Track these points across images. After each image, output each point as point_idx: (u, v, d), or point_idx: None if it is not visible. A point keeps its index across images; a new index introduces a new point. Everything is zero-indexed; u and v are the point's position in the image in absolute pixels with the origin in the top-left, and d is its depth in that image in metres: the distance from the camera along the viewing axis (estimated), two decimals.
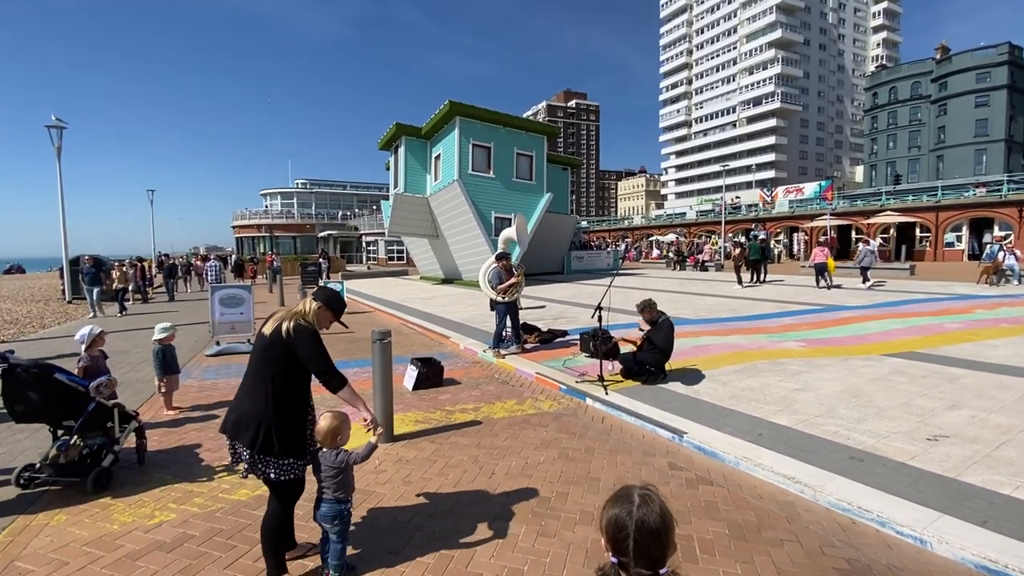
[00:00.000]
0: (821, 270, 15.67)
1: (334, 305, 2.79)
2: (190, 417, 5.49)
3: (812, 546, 2.96)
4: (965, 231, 30.21)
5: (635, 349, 6.33)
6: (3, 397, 3.48)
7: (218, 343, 9.05)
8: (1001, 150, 48.23)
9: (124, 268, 16.05)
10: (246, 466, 2.57)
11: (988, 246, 18.26)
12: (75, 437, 3.65)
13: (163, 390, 5.62)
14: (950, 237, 30.92)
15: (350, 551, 2.82)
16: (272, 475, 2.54)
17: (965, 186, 35.21)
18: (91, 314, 14.50)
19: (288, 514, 2.67)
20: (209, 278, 21.95)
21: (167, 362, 5.59)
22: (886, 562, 2.80)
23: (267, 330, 2.62)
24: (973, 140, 49.63)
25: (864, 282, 15.99)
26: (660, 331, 6.16)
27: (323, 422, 2.63)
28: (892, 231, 33.45)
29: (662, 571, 1.20)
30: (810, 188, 47.08)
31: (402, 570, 2.76)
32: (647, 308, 6.27)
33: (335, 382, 2.64)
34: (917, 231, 32.47)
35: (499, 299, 7.94)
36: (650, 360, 6.15)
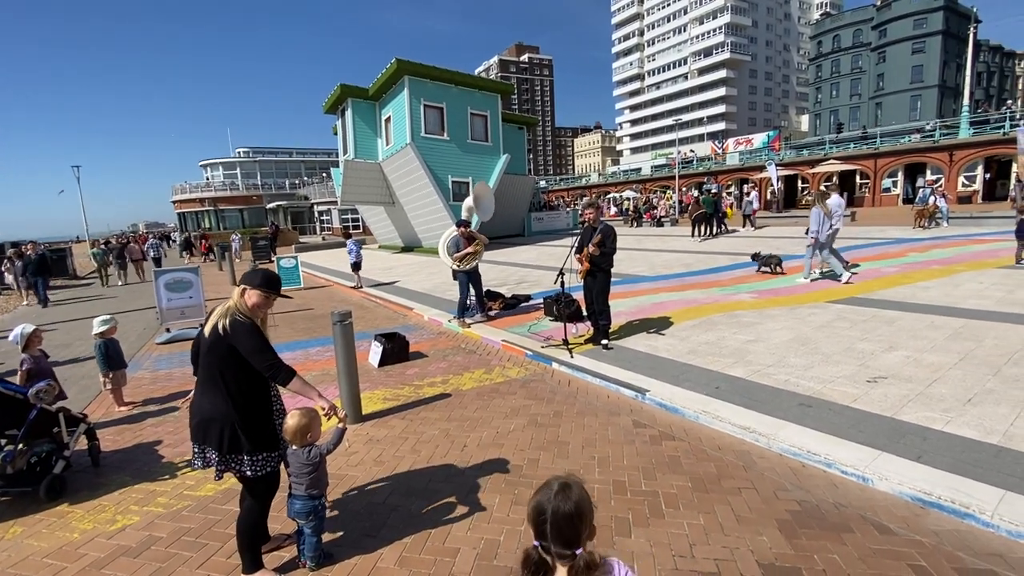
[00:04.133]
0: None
1: (255, 280, 2.56)
2: (146, 412, 5.28)
3: (767, 491, 3.18)
4: (900, 177, 31.81)
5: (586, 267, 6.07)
6: None
7: (168, 330, 8.64)
8: (935, 96, 50.53)
9: (29, 253, 14.86)
10: (219, 468, 2.49)
11: (921, 190, 19.34)
12: (20, 446, 3.45)
13: (109, 386, 5.34)
14: (887, 183, 32.52)
15: (326, 537, 2.82)
16: (248, 472, 2.48)
17: (901, 133, 36.83)
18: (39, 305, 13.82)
19: (264, 512, 2.62)
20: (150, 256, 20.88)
21: (111, 357, 5.30)
22: (833, 501, 3.04)
23: (207, 329, 2.50)
24: (909, 87, 51.69)
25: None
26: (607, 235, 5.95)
27: (291, 420, 2.57)
28: (835, 179, 34.87)
29: (578, 551, 1.35)
30: (759, 139, 48.25)
31: (380, 553, 2.80)
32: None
33: (281, 376, 2.50)
34: (857, 178, 33.95)
35: (456, 267, 7.85)
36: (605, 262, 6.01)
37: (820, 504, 3.02)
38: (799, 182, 36.42)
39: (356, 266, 12.86)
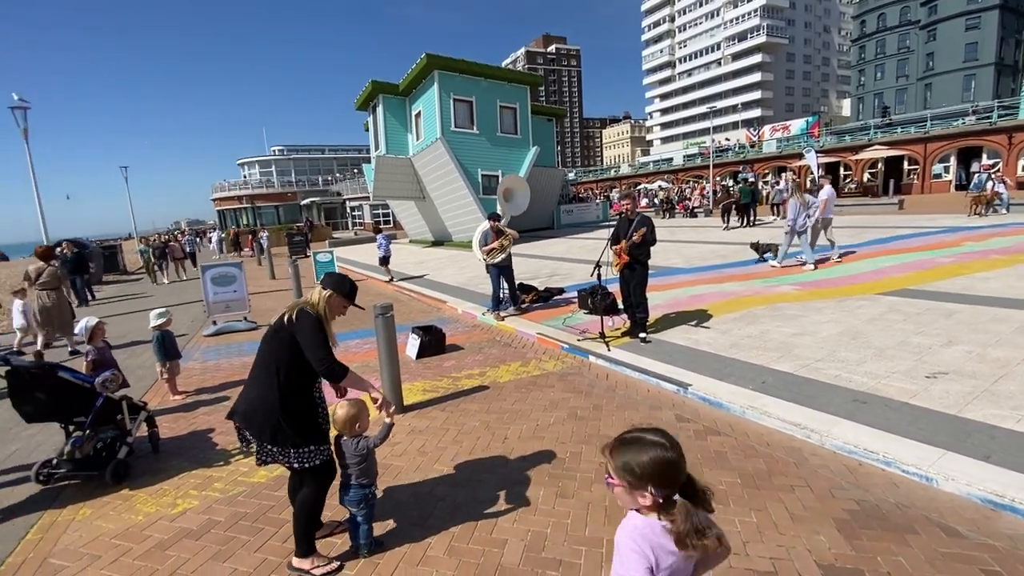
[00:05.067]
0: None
1: (344, 288, 2.69)
2: (198, 401, 5.50)
3: (822, 490, 3.07)
4: (953, 161, 30.17)
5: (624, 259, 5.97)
6: (11, 399, 3.43)
7: (215, 323, 8.97)
8: (991, 74, 47.53)
9: (64, 252, 15.22)
10: (260, 456, 2.58)
11: (976, 175, 18.29)
12: (87, 432, 3.64)
13: (166, 376, 5.59)
14: (938, 168, 30.90)
15: (377, 526, 2.87)
16: (295, 465, 2.55)
17: (954, 115, 34.84)
18: (76, 303, 14.30)
19: (321, 498, 2.67)
20: (187, 251, 21.69)
21: (167, 348, 5.53)
22: (894, 501, 2.92)
23: (274, 319, 2.59)
24: (963, 66, 48.77)
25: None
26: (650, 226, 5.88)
27: (340, 411, 2.63)
28: (880, 165, 33.35)
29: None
30: (797, 125, 46.54)
31: (429, 542, 2.84)
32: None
33: (335, 373, 2.56)
34: (905, 164, 32.37)
35: (484, 260, 7.88)
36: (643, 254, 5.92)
37: (880, 504, 2.90)
38: (841, 169, 34.95)
39: (384, 260, 13.06)
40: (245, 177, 52.99)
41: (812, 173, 29.07)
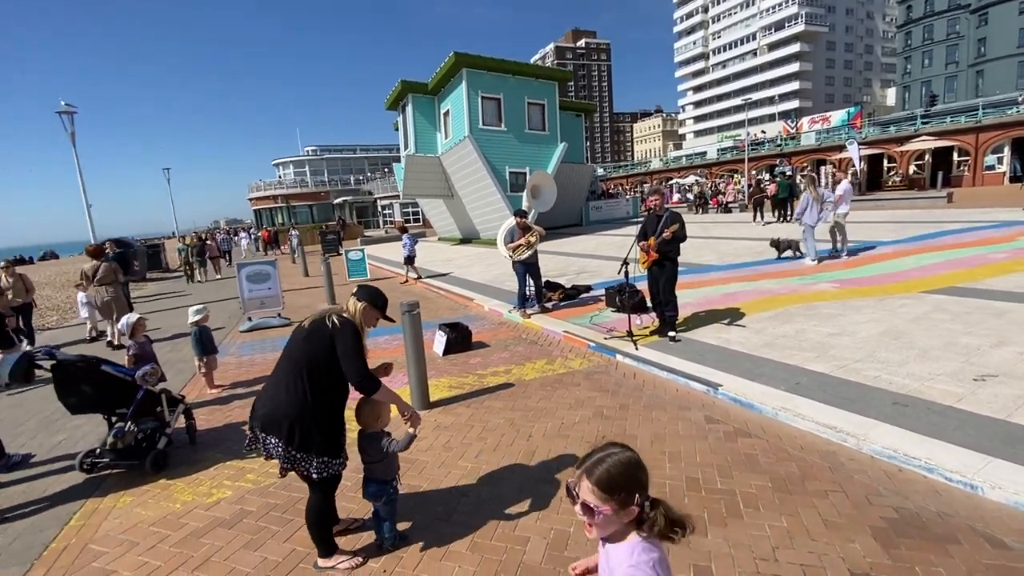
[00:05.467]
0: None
1: (379, 303, 2.72)
2: (233, 394, 5.68)
3: (858, 496, 2.95)
4: (1007, 152, 28.48)
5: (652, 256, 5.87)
6: (56, 391, 3.62)
7: (250, 319, 9.26)
8: None
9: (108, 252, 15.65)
10: (284, 465, 2.49)
11: None
12: (129, 423, 3.81)
13: (203, 370, 5.80)
14: (990, 160, 29.23)
15: (400, 521, 2.91)
16: (315, 474, 2.51)
17: (1007, 103, 32.85)
18: None
19: (327, 504, 2.68)
20: (224, 249, 22.36)
21: (204, 343, 5.74)
22: (935, 509, 2.78)
23: (307, 322, 2.59)
24: (1016, 51, 45.93)
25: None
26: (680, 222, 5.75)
27: (365, 406, 2.67)
28: (927, 157, 31.78)
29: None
30: (837, 116, 44.82)
31: (452, 537, 2.86)
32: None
33: (368, 386, 2.54)
34: (954, 155, 30.75)
35: (510, 257, 7.86)
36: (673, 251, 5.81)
37: (920, 512, 2.76)
38: (885, 162, 33.47)
39: (409, 259, 13.21)
40: (280, 177, 54.51)
41: (854, 166, 27.96)
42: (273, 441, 2.46)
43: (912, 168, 32.29)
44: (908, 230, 12.87)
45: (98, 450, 3.83)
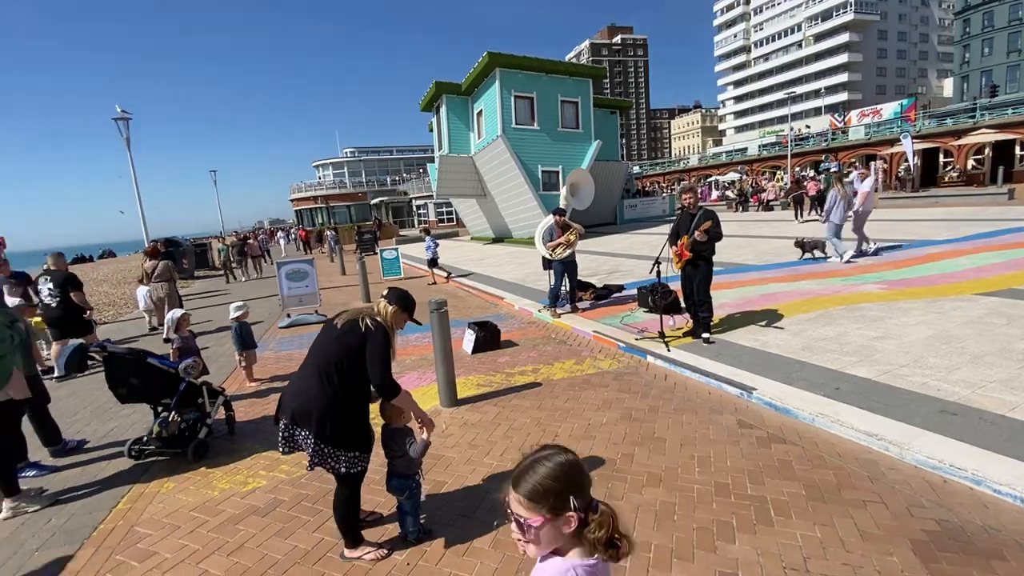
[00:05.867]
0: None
1: (408, 306, 2.77)
2: (271, 388, 5.89)
3: (898, 507, 2.80)
4: None
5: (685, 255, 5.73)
6: (107, 381, 3.85)
7: (288, 315, 9.59)
8: None
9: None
10: (312, 459, 2.56)
11: None
12: (172, 413, 4.01)
13: (243, 364, 6.04)
14: None
15: (425, 516, 2.96)
16: (343, 469, 2.57)
17: None
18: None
19: (354, 498, 2.73)
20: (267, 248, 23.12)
21: (244, 338, 5.97)
22: (981, 523, 2.61)
23: (339, 322, 2.64)
24: None
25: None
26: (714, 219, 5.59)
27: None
28: (988, 151, 29.85)
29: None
30: (889, 109, 42.60)
31: (475, 533, 2.88)
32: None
33: (389, 391, 2.60)
34: (1017, 149, 28.75)
35: (549, 256, 7.81)
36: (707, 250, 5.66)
37: (965, 525, 2.61)
38: (941, 156, 31.63)
39: (432, 262, 13.36)
40: (320, 178, 56.17)
41: (907, 161, 26.52)
42: (304, 433, 2.53)
43: (971, 163, 30.40)
44: (964, 228, 12.13)
45: (144, 438, 4.05)
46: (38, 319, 6.91)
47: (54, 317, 7.08)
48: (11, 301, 6.38)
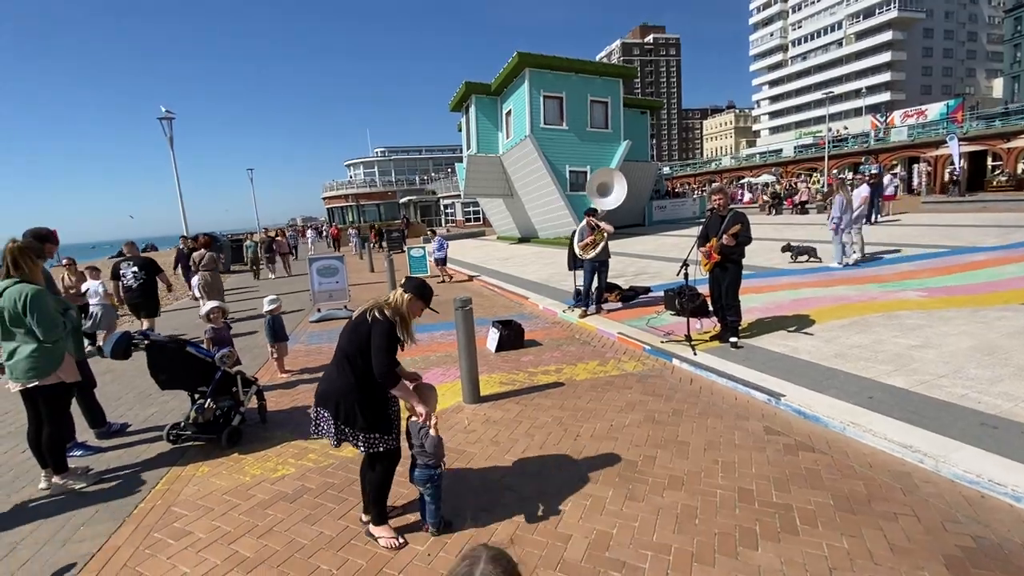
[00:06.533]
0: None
1: (424, 294, 2.87)
2: (301, 379, 6.06)
3: (932, 521, 2.71)
4: None
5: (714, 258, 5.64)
6: (149, 369, 4.04)
7: (319, 310, 9.83)
8: None
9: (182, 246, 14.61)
10: (336, 436, 2.74)
11: None
12: (208, 401, 4.18)
13: (275, 355, 6.24)
14: None
15: (445, 508, 3.00)
16: (361, 447, 2.75)
17: None
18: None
19: (386, 479, 2.87)
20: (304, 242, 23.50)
21: (276, 331, 6.17)
22: (1020, 541, 2.51)
23: (356, 312, 2.81)
24: None
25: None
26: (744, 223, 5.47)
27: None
28: None
29: None
30: (935, 109, 40.94)
31: (494, 528, 2.92)
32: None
33: (387, 380, 2.70)
34: None
35: (581, 255, 7.78)
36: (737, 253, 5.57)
37: (1003, 543, 2.50)
38: (989, 159, 30.19)
39: (440, 261, 13.45)
40: (351, 177, 57.25)
41: (952, 164, 25.41)
42: (325, 414, 2.77)
43: (1020, 167, 28.90)
44: (1013, 235, 11.55)
45: (182, 424, 4.23)
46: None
47: (134, 298, 8.21)
48: (94, 284, 7.75)
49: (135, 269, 8.19)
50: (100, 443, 4.52)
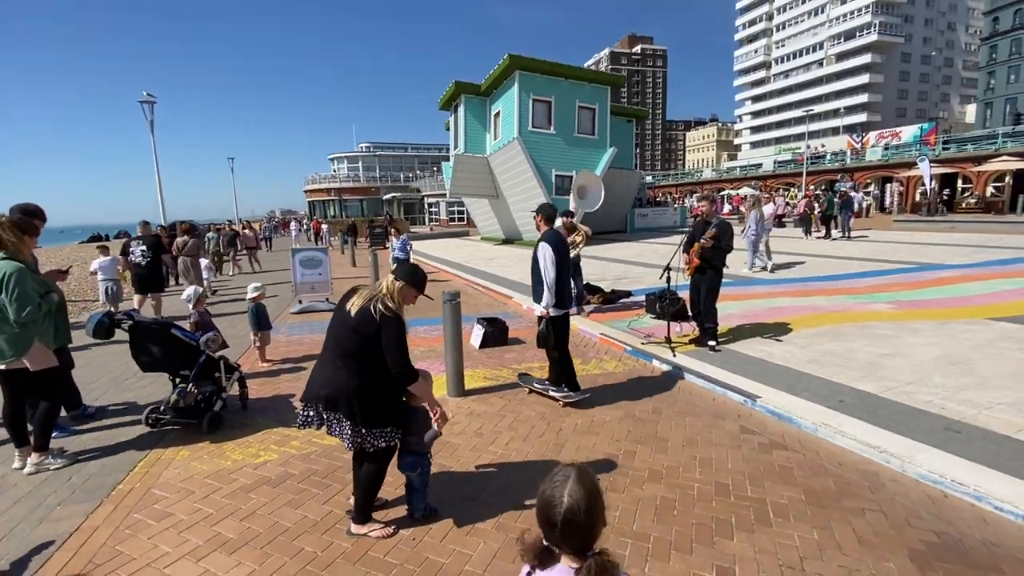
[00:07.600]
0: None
1: (417, 281, 2.76)
2: (282, 369, 6.01)
3: (897, 517, 2.85)
4: None
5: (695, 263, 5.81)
6: (131, 349, 3.97)
7: (300, 301, 9.72)
8: None
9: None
10: (353, 440, 2.61)
11: None
12: (190, 385, 4.13)
13: (258, 344, 6.17)
14: None
15: (431, 497, 3.03)
16: (383, 444, 2.66)
17: None
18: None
19: (381, 474, 2.80)
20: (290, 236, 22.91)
21: (260, 318, 6.10)
22: (981, 537, 2.65)
23: (353, 309, 2.61)
24: None
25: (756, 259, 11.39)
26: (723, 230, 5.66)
27: None
28: (1008, 179, 29.56)
29: (590, 554, 1.18)
30: (909, 132, 42.28)
31: (479, 515, 2.96)
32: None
33: (407, 378, 2.63)
34: None
35: None
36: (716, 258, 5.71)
37: (964, 539, 2.65)
38: (959, 182, 31.37)
39: (397, 261, 13.42)
40: (334, 171, 56.48)
41: (923, 185, 26.30)
42: (337, 417, 2.61)
43: (990, 190, 30.11)
44: (980, 254, 12.07)
45: (162, 407, 4.16)
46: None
47: (141, 274, 8.83)
48: (106, 261, 9.09)
49: (143, 248, 8.80)
50: (76, 425, 4.42)
